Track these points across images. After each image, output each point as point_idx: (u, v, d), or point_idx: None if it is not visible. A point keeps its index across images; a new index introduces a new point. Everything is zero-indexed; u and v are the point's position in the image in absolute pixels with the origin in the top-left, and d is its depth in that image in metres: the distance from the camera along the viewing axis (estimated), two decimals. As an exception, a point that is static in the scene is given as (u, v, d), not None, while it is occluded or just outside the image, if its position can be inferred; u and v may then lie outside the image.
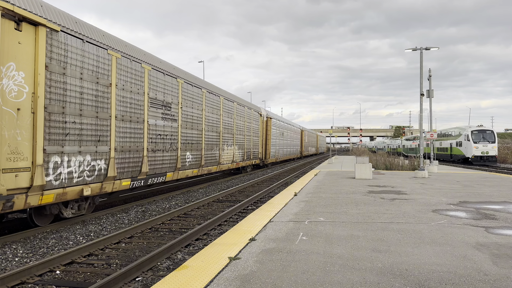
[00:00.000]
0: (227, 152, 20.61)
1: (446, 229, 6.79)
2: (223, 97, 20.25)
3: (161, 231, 8.94)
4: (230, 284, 4.14)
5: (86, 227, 9.19)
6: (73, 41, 8.93)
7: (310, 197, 10.87)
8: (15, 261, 6.61)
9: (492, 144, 36.37)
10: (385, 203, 9.84)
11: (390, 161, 27.17)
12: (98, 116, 9.74)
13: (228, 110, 21.18)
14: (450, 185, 14.54)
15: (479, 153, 36.18)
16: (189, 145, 15.50)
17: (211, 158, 18.14)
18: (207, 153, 17.60)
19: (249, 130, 25.66)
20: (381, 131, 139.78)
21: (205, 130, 17.32)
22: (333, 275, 4.41)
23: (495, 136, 37.04)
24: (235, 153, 22.25)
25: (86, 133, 9.30)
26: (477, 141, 36.59)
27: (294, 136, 46.43)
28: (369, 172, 17.21)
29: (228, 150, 20.89)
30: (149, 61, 12.41)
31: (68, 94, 8.75)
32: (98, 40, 9.87)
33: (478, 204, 9.71)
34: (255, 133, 27.65)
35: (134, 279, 5.69)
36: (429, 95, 23.82)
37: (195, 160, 16.08)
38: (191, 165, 15.68)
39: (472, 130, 37.65)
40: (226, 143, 20.57)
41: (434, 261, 4.93)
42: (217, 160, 19.06)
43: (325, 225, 7.14)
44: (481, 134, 36.97)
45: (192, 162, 15.81)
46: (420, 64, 20.97)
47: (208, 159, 17.77)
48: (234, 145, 22.08)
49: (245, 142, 24.61)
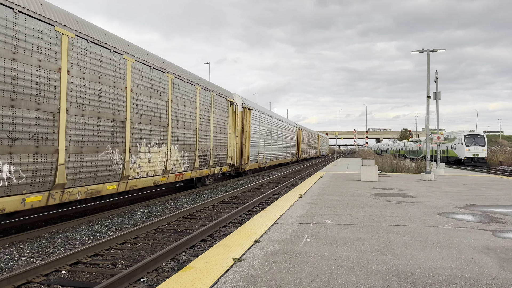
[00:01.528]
0: (148, 156, 11.97)
1: (452, 232, 6.74)
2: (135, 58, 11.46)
3: (166, 232, 8.97)
4: (235, 285, 4.13)
5: (92, 227, 9.24)
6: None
7: (315, 199, 10.85)
8: (21, 260, 6.66)
9: (482, 147, 39.86)
10: (391, 205, 9.78)
11: (396, 163, 27.01)
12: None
13: (152, 85, 12.31)
14: (457, 188, 14.43)
15: (471, 155, 39.68)
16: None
17: (99, 168, 9.69)
18: (80, 159, 9.05)
19: (206, 123, 16.70)
20: (387, 133, 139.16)
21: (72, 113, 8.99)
22: (338, 277, 4.39)
23: (485, 140, 40.50)
24: (173, 158, 13.57)
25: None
26: (469, 144, 40.16)
27: (288, 136, 38.92)
28: (375, 175, 17.13)
29: (153, 152, 12.21)
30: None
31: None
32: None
33: (485, 207, 9.62)
34: (221, 129, 18.82)
35: (139, 280, 5.71)
36: (436, 98, 23.67)
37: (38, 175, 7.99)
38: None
39: (464, 135, 41.13)
40: (146, 140, 11.84)
41: (440, 264, 4.90)
42: (119, 171, 10.49)
43: (330, 227, 7.12)
44: (472, 138, 40.59)
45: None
46: (427, 66, 20.86)
47: (87, 169, 9.28)
48: (170, 145, 13.36)
49: (197, 141, 15.69)
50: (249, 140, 23.68)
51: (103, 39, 10.06)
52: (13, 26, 7.39)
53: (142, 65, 11.80)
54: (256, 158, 26.02)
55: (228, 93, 20.50)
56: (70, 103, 8.79)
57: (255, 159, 25.76)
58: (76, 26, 9.10)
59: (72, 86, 8.86)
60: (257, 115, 26.13)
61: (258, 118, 26.37)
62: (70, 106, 8.77)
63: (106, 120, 10.03)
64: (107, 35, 10.35)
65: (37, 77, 7.91)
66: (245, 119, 23.07)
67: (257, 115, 26.13)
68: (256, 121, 25.70)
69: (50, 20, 8.27)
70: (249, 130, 23.53)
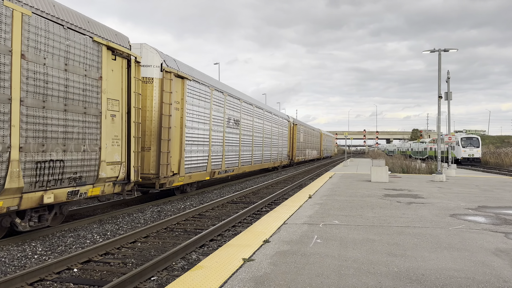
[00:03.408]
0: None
1: (464, 234, 6.66)
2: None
3: (176, 231, 9.02)
4: (245, 285, 4.14)
5: (103, 226, 9.34)
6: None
7: (324, 200, 10.81)
8: (34, 258, 6.76)
9: (477, 148, 44.70)
10: (402, 207, 9.71)
11: (406, 164, 26.78)
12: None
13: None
14: (469, 189, 14.25)
15: (467, 155, 44.49)
16: None
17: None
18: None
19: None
20: (398, 134, 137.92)
21: None
22: (347, 278, 4.38)
23: (479, 142, 45.43)
24: None
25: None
26: (465, 146, 44.86)
27: (274, 131, 28.85)
28: (386, 175, 17.00)
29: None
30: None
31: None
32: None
33: (498, 209, 9.49)
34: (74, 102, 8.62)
35: (150, 279, 5.75)
36: (448, 98, 23.42)
37: None
38: None
39: (461, 137, 46.06)
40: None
41: (451, 266, 4.85)
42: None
43: (340, 228, 7.09)
44: (468, 140, 45.48)
45: None
46: (439, 66, 20.65)
47: None
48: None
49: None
50: (182, 133, 13.58)
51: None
52: None
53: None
54: (204, 163, 15.56)
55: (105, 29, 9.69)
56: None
57: (202, 165, 15.39)
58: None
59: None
60: (203, 91, 15.47)
61: (205, 96, 15.62)
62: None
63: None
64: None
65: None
66: (166, 92, 12.60)
67: (203, 91, 15.47)
68: (199, 99, 15.05)
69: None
70: (180, 116, 13.49)
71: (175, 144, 13.29)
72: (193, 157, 14.68)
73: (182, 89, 13.66)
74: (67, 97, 8.32)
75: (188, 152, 14.24)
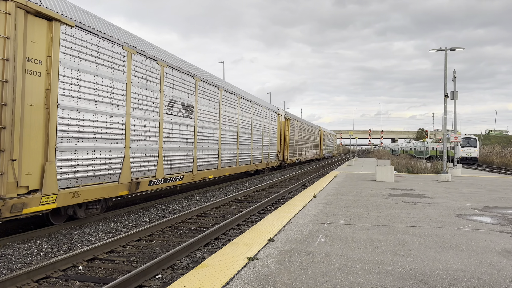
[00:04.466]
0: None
1: (470, 234, 6.62)
2: None
3: (181, 229, 9.04)
4: (249, 284, 4.14)
5: (108, 224, 9.37)
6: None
7: (329, 199, 10.78)
8: (40, 255, 6.80)
9: (474, 148, 47.10)
10: (407, 206, 9.66)
11: (412, 163, 26.64)
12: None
13: None
14: (475, 189, 14.15)
15: (465, 154, 46.39)
16: None
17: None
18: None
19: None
20: (403, 133, 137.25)
21: None
22: (352, 278, 4.36)
23: (477, 142, 47.92)
24: None
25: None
26: (463, 146, 46.56)
27: (256, 124, 22.95)
28: (391, 175, 16.93)
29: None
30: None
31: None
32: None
33: (504, 209, 9.41)
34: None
35: (154, 277, 5.77)
36: (454, 97, 23.27)
37: None
38: None
39: (460, 137, 46.63)
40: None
41: (457, 267, 4.81)
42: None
43: (345, 227, 7.07)
44: (467, 140, 47.60)
45: None
46: (445, 65, 20.52)
47: None
48: None
49: None
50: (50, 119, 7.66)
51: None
52: None
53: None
54: (115, 168, 9.67)
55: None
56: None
57: (109, 173, 9.47)
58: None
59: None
60: (139, 61, 10.54)
61: (141, 64, 10.65)
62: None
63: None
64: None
65: None
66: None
67: (139, 61, 10.54)
68: (137, 73, 10.44)
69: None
70: (46, 88, 7.50)
71: (31, 136, 7.29)
72: (94, 160, 8.94)
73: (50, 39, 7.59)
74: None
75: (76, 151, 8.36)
